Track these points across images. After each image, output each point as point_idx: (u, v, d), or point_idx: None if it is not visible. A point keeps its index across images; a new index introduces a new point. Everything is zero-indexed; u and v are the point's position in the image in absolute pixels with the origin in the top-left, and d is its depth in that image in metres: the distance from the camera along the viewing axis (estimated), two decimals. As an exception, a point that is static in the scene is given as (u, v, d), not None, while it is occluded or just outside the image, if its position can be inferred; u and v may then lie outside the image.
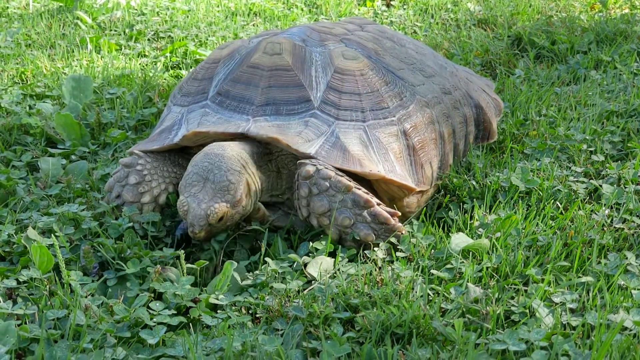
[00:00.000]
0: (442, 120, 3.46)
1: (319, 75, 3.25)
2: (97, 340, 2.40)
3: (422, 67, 3.59)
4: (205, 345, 2.40)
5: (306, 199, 2.99)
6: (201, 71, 3.42)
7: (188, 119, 3.25)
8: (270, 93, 3.20)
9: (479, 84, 4.02)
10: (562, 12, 6.31)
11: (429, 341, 2.43)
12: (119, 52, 5.49)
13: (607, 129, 3.99)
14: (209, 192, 2.87)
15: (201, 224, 2.83)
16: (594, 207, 3.27)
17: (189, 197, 2.88)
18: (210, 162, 2.92)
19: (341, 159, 3.05)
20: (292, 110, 3.17)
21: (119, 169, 3.21)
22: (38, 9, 6.61)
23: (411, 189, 3.15)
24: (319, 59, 3.31)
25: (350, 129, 3.15)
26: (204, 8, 6.67)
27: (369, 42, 3.51)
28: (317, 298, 2.63)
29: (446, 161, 3.47)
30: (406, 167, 3.20)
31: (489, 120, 3.79)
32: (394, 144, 3.19)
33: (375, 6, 6.85)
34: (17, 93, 4.55)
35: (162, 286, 2.66)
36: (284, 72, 3.24)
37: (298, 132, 3.09)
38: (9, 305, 2.53)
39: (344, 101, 3.20)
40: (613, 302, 2.57)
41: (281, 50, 3.28)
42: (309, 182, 2.97)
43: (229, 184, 2.88)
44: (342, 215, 2.94)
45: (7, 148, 3.95)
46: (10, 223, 3.11)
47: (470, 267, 2.73)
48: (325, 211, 2.96)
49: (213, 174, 2.89)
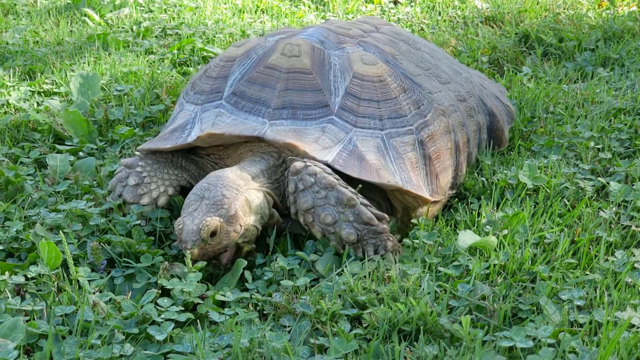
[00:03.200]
0: (458, 129, 3.41)
1: (338, 80, 3.19)
2: (105, 336, 2.41)
3: (437, 72, 3.53)
4: (213, 342, 2.40)
5: (293, 196, 2.93)
6: (215, 69, 3.36)
7: (202, 118, 3.20)
8: (287, 96, 3.14)
9: (492, 89, 3.97)
10: (569, 10, 6.30)
11: (436, 338, 2.43)
12: (126, 49, 5.50)
13: (615, 127, 3.98)
14: (203, 208, 2.79)
15: (193, 239, 2.74)
16: (601, 204, 3.26)
17: (185, 217, 2.81)
18: (209, 182, 2.86)
19: (358, 168, 2.99)
20: (309, 115, 3.11)
21: (120, 169, 3.21)
22: (46, 6, 6.62)
23: (426, 200, 3.09)
24: (337, 63, 3.25)
25: (368, 137, 3.09)
26: (211, 5, 6.68)
27: (386, 46, 3.45)
28: (325, 295, 2.63)
29: (460, 170, 3.40)
30: (421, 177, 3.14)
31: (501, 129, 3.75)
32: (410, 153, 3.13)
33: (383, 3, 6.84)
34: (25, 90, 4.56)
35: (170, 283, 2.67)
36: (301, 75, 3.18)
37: (315, 138, 3.04)
38: (17, 301, 2.54)
39: (362, 108, 3.14)
40: (620, 300, 2.57)
41: (299, 53, 3.22)
42: (296, 178, 2.91)
43: (222, 198, 2.80)
44: (324, 213, 2.87)
45: (15, 145, 3.96)
46: (19, 219, 3.11)
47: (478, 264, 2.73)
48: (309, 207, 2.89)
49: (209, 191, 2.82)
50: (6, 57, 5.29)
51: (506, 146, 3.80)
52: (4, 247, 2.93)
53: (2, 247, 2.93)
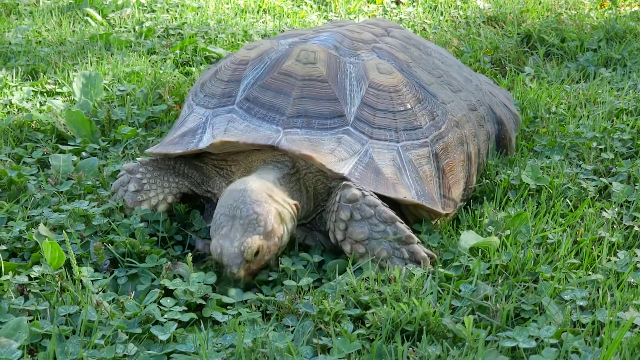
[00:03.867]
0: (470, 140, 3.35)
1: (354, 89, 3.12)
2: (109, 336, 2.41)
3: (449, 80, 3.48)
4: (216, 342, 2.40)
5: (345, 223, 2.83)
6: (227, 72, 3.28)
7: (213, 123, 3.13)
8: (302, 104, 3.07)
9: (500, 97, 3.93)
10: (571, 10, 6.30)
11: (439, 338, 2.44)
12: (129, 49, 5.50)
13: (617, 127, 3.99)
14: (238, 229, 2.72)
15: (237, 262, 2.68)
16: (603, 204, 3.27)
17: (220, 239, 2.73)
18: (235, 199, 2.77)
19: (374, 181, 2.94)
20: (324, 125, 3.03)
21: (122, 173, 3.20)
22: (48, 6, 6.63)
23: (439, 214, 3.05)
24: (353, 71, 3.17)
25: (384, 150, 3.03)
26: (213, 5, 6.68)
27: (400, 52, 3.39)
28: (328, 295, 2.63)
29: (471, 182, 3.35)
30: (435, 190, 3.09)
31: (509, 137, 3.71)
32: (425, 166, 3.08)
33: (385, 3, 6.85)
34: (27, 90, 4.57)
35: (173, 283, 2.67)
36: (317, 83, 3.10)
37: (331, 149, 2.97)
38: (20, 301, 2.54)
39: (378, 119, 3.07)
40: (623, 300, 2.57)
41: (315, 60, 3.14)
42: (352, 207, 2.83)
43: (257, 217, 2.72)
44: (380, 247, 2.80)
45: (18, 145, 3.96)
46: (22, 219, 3.12)
47: (477, 264, 2.73)
48: (364, 239, 2.80)
49: (239, 209, 2.74)
50: (9, 57, 5.30)
51: (513, 154, 3.75)
52: (7, 247, 2.93)
53: (6, 247, 2.93)
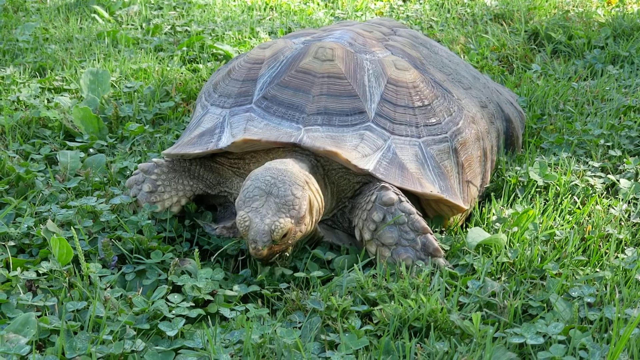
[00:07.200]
0: (485, 136, 3.34)
1: (372, 86, 3.10)
2: (117, 332, 2.42)
3: (459, 78, 3.48)
4: (224, 338, 2.41)
5: (376, 224, 2.82)
6: (241, 71, 3.26)
7: (231, 122, 3.10)
8: (322, 102, 3.05)
9: (506, 95, 3.93)
10: (578, 7, 6.29)
11: (447, 334, 2.44)
12: (136, 47, 5.51)
13: (625, 124, 3.98)
14: (272, 206, 2.68)
15: (264, 240, 2.64)
16: (611, 201, 3.26)
17: (251, 212, 2.68)
18: (273, 176, 2.73)
19: (400, 177, 2.93)
20: (345, 122, 3.01)
21: (137, 171, 3.18)
22: (55, 3, 6.64)
23: (462, 209, 3.04)
24: (371, 68, 3.15)
25: (406, 145, 3.02)
26: (220, 2, 6.69)
27: (412, 50, 3.39)
28: (335, 291, 2.64)
29: (486, 178, 3.36)
30: (455, 185, 3.09)
31: (517, 135, 3.71)
32: (446, 161, 3.07)
33: (392, 0, 6.84)
34: (35, 87, 4.58)
35: (180, 279, 2.67)
36: (337, 80, 3.09)
37: (354, 145, 2.95)
38: (29, 297, 2.55)
39: (399, 115, 3.07)
40: (631, 297, 2.57)
41: (333, 57, 3.12)
42: (387, 210, 2.82)
43: (294, 199, 2.69)
44: (406, 254, 2.78)
45: (26, 141, 3.97)
46: (30, 216, 3.13)
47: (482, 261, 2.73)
48: (392, 243, 2.80)
49: (277, 187, 2.70)
50: (16, 54, 5.31)
51: (520, 152, 3.75)
52: (15, 243, 2.94)
53: (14, 243, 2.94)
